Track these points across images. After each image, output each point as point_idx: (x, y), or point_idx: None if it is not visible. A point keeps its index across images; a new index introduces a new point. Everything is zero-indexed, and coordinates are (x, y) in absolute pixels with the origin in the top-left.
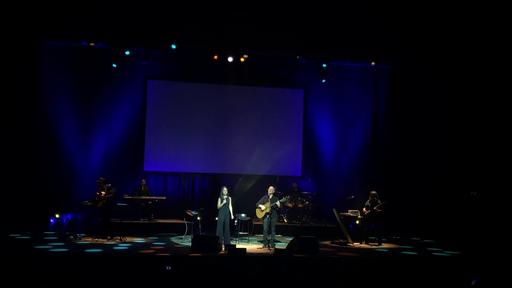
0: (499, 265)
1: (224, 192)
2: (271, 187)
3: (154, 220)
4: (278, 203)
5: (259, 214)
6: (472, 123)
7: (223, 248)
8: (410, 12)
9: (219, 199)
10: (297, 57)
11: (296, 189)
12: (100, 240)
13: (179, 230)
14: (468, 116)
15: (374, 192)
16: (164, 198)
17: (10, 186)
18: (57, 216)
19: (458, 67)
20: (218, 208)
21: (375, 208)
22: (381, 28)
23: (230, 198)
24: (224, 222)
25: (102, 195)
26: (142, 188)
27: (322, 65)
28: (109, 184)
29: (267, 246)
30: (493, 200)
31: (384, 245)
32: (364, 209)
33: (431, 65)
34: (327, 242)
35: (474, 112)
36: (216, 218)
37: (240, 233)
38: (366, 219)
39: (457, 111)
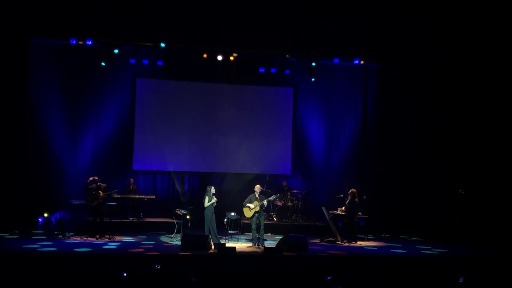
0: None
1: (212, 191)
2: (257, 186)
3: (143, 219)
4: (265, 202)
5: (248, 213)
6: (460, 121)
7: (213, 247)
8: (398, 10)
9: (207, 198)
10: (287, 55)
11: (286, 188)
12: (89, 239)
13: (168, 229)
14: (456, 114)
15: (353, 190)
16: (153, 196)
17: None
18: (45, 215)
19: (445, 65)
20: (205, 206)
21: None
22: (370, 26)
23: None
24: (211, 221)
25: (101, 194)
26: (131, 187)
27: (311, 63)
28: (105, 184)
29: (256, 244)
30: (482, 198)
31: (373, 243)
32: (343, 207)
33: (418, 63)
34: (317, 241)
35: (462, 110)
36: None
37: (229, 231)
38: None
39: (445, 108)
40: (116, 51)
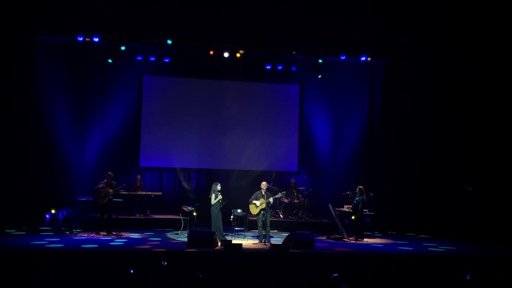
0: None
1: (218, 187)
2: (264, 183)
3: (150, 215)
4: (271, 199)
5: (254, 210)
6: (468, 118)
7: (219, 244)
8: (405, 8)
9: (213, 195)
10: (293, 52)
11: (293, 185)
12: (96, 236)
13: (175, 226)
14: (463, 111)
15: (361, 187)
16: (160, 193)
17: (6, 182)
18: (52, 211)
19: (452, 62)
20: (212, 204)
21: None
22: (377, 24)
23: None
24: (217, 218)
25: (111, 192)
26: (137, 184)
27: (317, 60)
28: (116, 182)
29: (263, 241)
30: (489, 195)
31: (380, 240)
32: (351, 205)
33: (425, 60)
34: (323, 238)
35: (469, 107)
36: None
37: (236, 228)
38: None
39: (452, 106)
40: (123, 48)
